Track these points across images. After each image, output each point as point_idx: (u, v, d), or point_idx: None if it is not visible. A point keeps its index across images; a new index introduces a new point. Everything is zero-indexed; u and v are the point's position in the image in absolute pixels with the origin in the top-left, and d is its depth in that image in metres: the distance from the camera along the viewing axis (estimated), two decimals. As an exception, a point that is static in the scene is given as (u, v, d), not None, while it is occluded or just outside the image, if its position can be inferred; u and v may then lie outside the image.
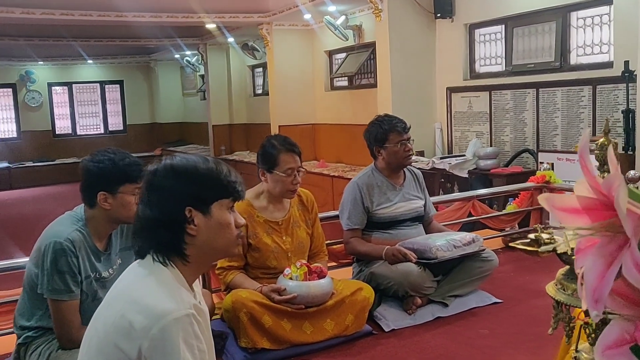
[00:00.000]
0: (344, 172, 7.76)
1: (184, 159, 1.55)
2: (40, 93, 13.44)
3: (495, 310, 3.21)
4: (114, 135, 14.12)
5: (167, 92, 14.38)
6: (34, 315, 2.43)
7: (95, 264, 2.45)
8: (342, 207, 3.42)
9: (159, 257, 1.50)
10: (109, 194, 2.38)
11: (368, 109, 7.78)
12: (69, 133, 13.98)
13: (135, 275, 1.51)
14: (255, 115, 11.18)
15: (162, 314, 1.36)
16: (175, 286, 1.46)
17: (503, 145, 6.19)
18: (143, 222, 1.51)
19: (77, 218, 2.44)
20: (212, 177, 1.53)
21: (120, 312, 1.41)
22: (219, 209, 1.53)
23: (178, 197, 1.49)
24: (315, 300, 2.78)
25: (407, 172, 3.53)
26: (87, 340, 1.51)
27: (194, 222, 1.49)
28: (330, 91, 8.97)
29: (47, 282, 2.32)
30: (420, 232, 3.45)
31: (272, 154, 2.93)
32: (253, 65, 11.25)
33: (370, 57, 7.94)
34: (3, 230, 8.30)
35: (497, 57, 6.41)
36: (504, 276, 3.74)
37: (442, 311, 3.17)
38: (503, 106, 6.19)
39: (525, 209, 4.44)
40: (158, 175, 1.52)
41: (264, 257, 2.93)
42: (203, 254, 1.53)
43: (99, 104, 14.31)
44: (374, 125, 3.41)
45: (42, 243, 2.36)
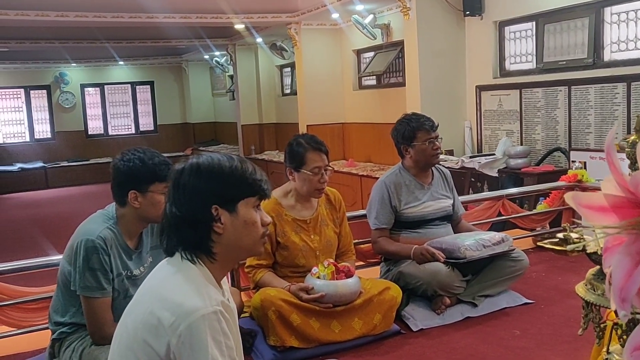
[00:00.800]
0: (373, 172, 7.74)
1: (210, 158, 1.56)
2: (73, 94, 13.70)
3: (527, 311, 3.17)
4: (145, 135, 14.32)
5: (197, 92, 14.52)
6: (67, 312, 2.48)
7: (126, 262, 2.49)
8: (369, 206, 3.42)
9: (187, 255, 1.52)
10: (139, 192, 2.42)
11: (397, 108, 7.73)
12: (101, 133, 14.22)
13: (164, 272, 1.54)
14: (284, 115, 11.23)
15: (189, 311, 1.38)
16: (203, 283, 1.48)
17: (534, 143, 6.11)
18: (170, 220, 1.54)
19: (109, 216, 2.49)
20: (237, 175, 1.54)
21: (149, 308, 1.44)
22: (245, 207, 1.54)
23: (204, 195, 1.51)
24: (342, 299, 2.79)
25: (435, 171, 3.51)
26: (118, 336, 1.54)
27: (220, 221, 1.51)
28: (359, 90, 8.95)
29: (79, 280, 2.37)
30: (448, 231, 3.43)
31: (299, 152, 2.94)
32: (281, 65, 11.30)
33: (398, 56, 7.90)
34: (39, 228, 8.50)
35: (527, 55, 6.32)
36: (536, 276, 3.70)
37: (472, 311, 3.15)
38: (534, 104, 6.10)
39: (556, 208, 4.38)
40: (184, 174, 1.54)
41: (292, 255, 2.95)
42: (229, 252, 1.55)
43: (130, 104, 14.52)
44: (401, 123, 3.40)
45: (75, 241, 2.41)
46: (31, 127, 13.51)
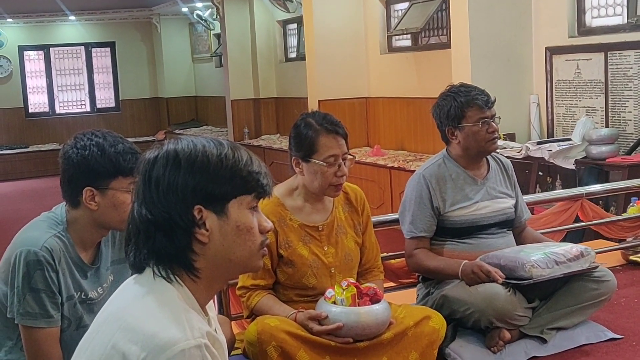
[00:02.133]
0: (406, 163, 7.74)
1: (191, 144, 1.56)
2: (8, 60, 13.82)
3: (615, 349, 3.15)
4: (103, 114, 14.44)
5: (172, 57, 14.60)
6: (2, 347, 2.50)
7: (79, 281, 2.51)
8: (403, 207, 3.42)
9: (160, 271, 1.52)
10: (96, 190, 2.43)
11: (439, 77, 7.71)
12: (45, 111, 14.35)
13: (131, 294, 1.54)
14: (287, 87, 11.25)
15: (165, 345, 1.38)
16: (183, 308, 1.48)
17: (624, 125, 6.07)
18: (139, 225, 1.54)
19: (57, 221, 2.50)
20: (227, 166, 1.54)
21: (111, 342, 1.44)
22: (237, 208, 1.55)
23: (184, 193, 1.51)
24: (366, 332, 2.77)
25: (491, 161, 3.50)
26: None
27: (205, 226, 1.51)
28: (388, 54, 8.95)
29: (18, 304, 2.38)
30: (509, 242, 3.42)
31: (308, 136, 2.94)
32: (284, 21, 11.32)
33: (441, 8, 7.90)
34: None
35: (615, 6, 6.29)
36: (625, 303, 3.67)
37: (540, 349, 3.13)
38: (624, 72, 6.06)
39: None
40: (158, 165, 1.54)
41: (299, 273, 2.95)
42: (217, 268, 1.55)
43: (84, 73, 14.65)
44: (446, 98, 3.39)
45: (12, 253, 2.42)
46: (-47, 103, 13.65)
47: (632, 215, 4.34)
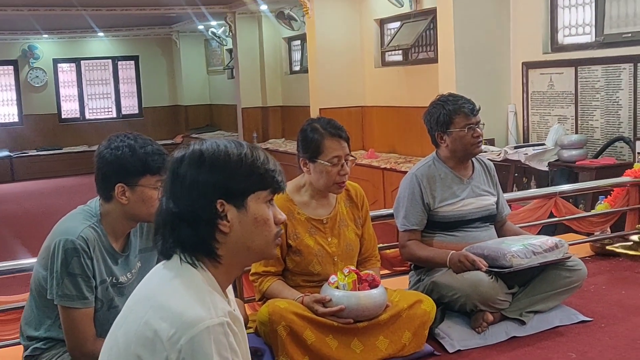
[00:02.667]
0: (398, 164, 7.73)
1: (215, 144, 1.56)
2: (44, 71, 13.79)
3: (585, 330, 3.15)
4: (127, 119, 14.39)
5: (189, 69, 14.57)
6: (42, 325, 2.50)
7: (111, 267, 2.50)
8: (397, 203, 3.41)
9: (186, 258, 1.52)
10: (127, 186, 2.43)
11: (427, 88, 7.70)
12: (76, 117, 14.32)
13: (160, 278, 1.54)
14: (292, 96, 11.23)
15: (192, 322, 1.38)
16: (207, 290, 1.48)
17: (592, 132, 6.06)
18: (167, 217, 1.54)
19: (91, 213, 2.49)
20: (247, 165, 1.54)
21: (144, 319, 1.44)
22: (255, 202, 1.55)
23: (208, 188, 1.51)
24: (366, 314, 2.78)
25: (476, 163, 3.49)
26: (106, 352, 1.54)
27: (226, 218, 1.51)
28: (382, 67, 8.93)
29: (57, 287, 2.38)
30: (491, 234, 3.41)
31: (314, 139, 2.93)
32: (289, 38, 11.30)
33: (429, 27, 7.88)
34: (4, 228, 8.55)
35: (585, 26, 6.26)
36: (594, 290, 3.67)
37: (519, 330, 3.13)
38: (592, 85, 6.05)
39: (620, 209, 4.34)
40: (185, 163, 1.54)
41: (306, 261, 2.95)
42: (236, 255, 1.55)
43: (111, 83, 14.61)
44: (436, 106, 3.38)
45: (52, 242, 2.42)
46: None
47: (600, 212, 4.33)
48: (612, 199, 4.36)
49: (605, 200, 4.38)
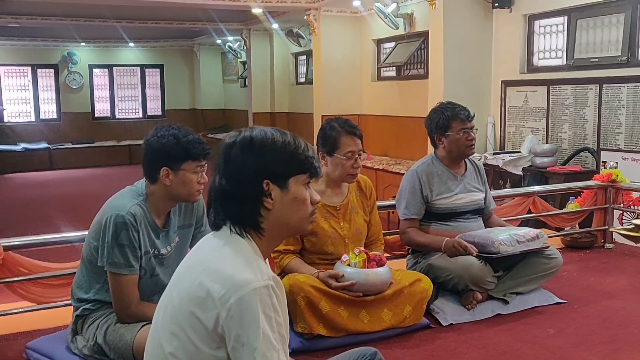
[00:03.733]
0: (389, 166, 7.71)
1: (263, 131, 1.55)
2: (81, 75, 13.71)
3: (561, 310, 3.15)
4: (152, 119, 14.31)
5: (207, 77, 14.51)
6: (91, 288, 2.48)
7: (154, 240, 2.48)
8: (399, 195, 3.40)
9: (235, 229, 1.51)
10: (170, 170, 2.41)
11: (417, 101, 7.71)
12: (107, 116, 14.23)
13: (211, 245, 1.52)
14: (297, 104, 11.20)
15: (241, 284, 1.36)
16: (254, 257, 1.47)
17: (560, 142, 6.07)
18: (219, 193, 1.52)
19: (138, 193, 2.48)
20: (290, 151, 1.53)
21: (197, 280, 1.42)
22: (295, 184, 1.53)
23: (256, 170, 1.50)
24: (373, 289, 2.77)
25: (468, 163, 3.48)
26: (162, 309, 1.52)
27: (270, 196, 1.50)
28: (377, 81, 8.91)
29: (107, 255, 2.36)
30: (480, 226, 3.40)
31: (332, 136, 2.92)
32: (297, 53, 11.26)
33: (420, 47, 7.87)
34: (47, 208, 8.54)
35: (557, 50, 6.27)
36: (567, 276, 3.67)
37: (503, 308, 3.13)
38: (562, 102, 6.06)
39: (589, 208, 4.34)
40: (236, 147, 1.52)
41: (321, 242, 2.93)
42: (277, 229, 1.54)
43: (138, 87, 14.53)
44: (436, 112, 3.37)
45: (103, 216, 2.40)
46: (37, 107, 13.53)
47: (572, 210, 4.33)
48: (582, 199, 4.36)
49: (576, 201, 4.38)
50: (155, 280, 2.52)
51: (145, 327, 2.32)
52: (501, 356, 2.62)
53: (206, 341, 1.40)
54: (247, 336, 1.35)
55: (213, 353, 1.41)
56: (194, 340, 1.41)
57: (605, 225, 4.36)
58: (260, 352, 1.35)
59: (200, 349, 1.41)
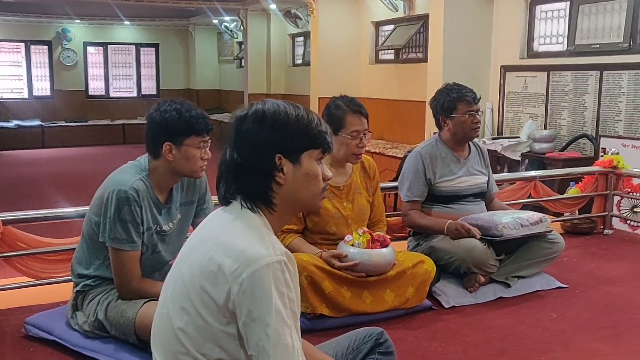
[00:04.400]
0: (385, 149, 7.68)
1: (275, 105, 1.50)
2: (75, 52, 13.54)
3: (562, 295, 3.13)
4: (146, 99, 14.17)
5: (203, 58, 14.37)
6: (92, 264, 2.44)
7: (156, 216, 2.44)
8: (402, 177, 3.35)
9: (246, 203, 1.46)
10: (173, 145, 2.36)
11: (415, 85, 7.66)
12: (102, 95, 14.07)
13: (222, 220, 1.48)
14: (293, 85, 11.12)
15: (253, 259, 1.33)
16: (265, 232, 1.43)
17: (559, 129, 6.04)
18: (230, 166, 1.48)
19: (141, 168, 2.43)
20: (303, 125, 1.49)
21: (208, 254, 1.38)
22: (308, 159, 1.49)
23: (268, 143, 1.45)
24: (376, 269, 2.73)
25: (472, 146, 3.44)
26: (171, 283, 1.48)
27: (282, 171, 1.46)
28: (375, 64, 8.85)
29: (109, 231, 2.31)
30: (482, 209, 3.37)
31: (337, 115, 2.87)
32: (294, 34, 11.16)
33: (420, 30, 7.80)
34: (40, 186, 8.44)
35: (558, 36, 6.22)
36: (568, 261, 3.65)
37: (505, 292, 3.11)
38: (562, 88, 6.02)
39: (590, 193, 4.32)
40: (248, 120, 1.48)
41: (323, 222, 2.89)
42: (288, 204, 1.50)
43: (133, 66, 14.37)
44: (441, 93, 3.32)
45: (105, 191, 2.35)
46: (30, 84, 13.37)
47: (574, 195, 4.31)
48: (583, 185, 4.33)
49: (577, 186, 4.35)
50: (156, 257, 2.49)
51: (148, 303, 2.29)
52: (504, 339, 2.60)
53: (216, 316, 1.37)
54: (259, 312, 1.32)
55: (223, 329, 1.37)
56: (204, 315, 1.37)
57: (606, 211, 4.35)
58: (272, 328, 1.32)
59: (210, 324, 1.37)
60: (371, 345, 1.88)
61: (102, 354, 2.32)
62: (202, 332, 1.38)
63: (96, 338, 2.38)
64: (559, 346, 2.53)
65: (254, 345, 1.33)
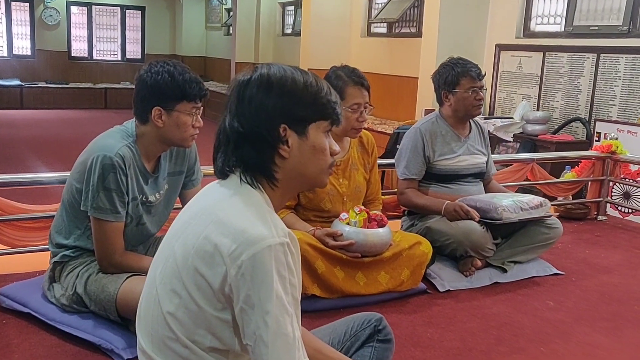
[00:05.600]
0: (374, 125, 7.52)
1: (282, 69, 1.34)
2: (58, 11, 13.09)
3: (559, 282, 3.04)
4: (131, 63, 13.82)
5: (190, 23, 14.00)
6: (71, 234, 2.27)
7: (142, 186, 2.28)
8: (399, 154, 3.22)
9: (246, 178, 1.31)
10: (164, 110, 2.19)
11: (407, 60, 7.50)
12: (85, 57, 13.65)
13: (219, 194, 1.33)
14: (282, 55, 10.86)
15: (254, 239, 1.18)
16: (267, 210, 1.28)
17: (552, 111, 5.93)
18: (230, 135, 1.32)
19: (128, 133, 2.26)
20: (312, 93, 1.33)
21: (203, 233, 1.24)
22: (315, 131, 1.34)
23: (273, 112, 1.29)
24: (372, 250, 2.60)
25: (473, 125, 3.31)
26: (162, 260, 1.33)
27: (287, 143, 1.30)
28: (367, 37, 8.65)
29: (92, 199, 2.15)
30: (480, 190, 3.25)
31: (338, 86, 2.71)
32: (284, 3, 10.89)
33: (414, 4, 7.61)
34: (15, 148, 8.13)
35: (556, 16, 6.08)
36: (562, 247, 3.56)
37: (501, 277, 3.01)
38: (557, 70, 5.90)
39: (586, 178, 4.22)
40: (251, 85, 1.31)
41: (318, 198, 2.74)
42: (292, 180, 1.35)
43: (118, 29, 13.95)
44: (445, 67, 3.17)
45: (89, 156, 2.17)
46: (10, 42, 12.90)
47: (570, 180, 4.21)
48: (579, 169, 4.24)
49: (573, 170, 4.26)
50: (141, 228, 2.33)
51: (130, 279, 2.14)
52: (502, 327, 2.50)
53: (210, 301, 1.23)
54: (258, 297, 1.18)
55: (217, 314, 1.23)
56: (197, 299, 1.23)
57: (601, 197, 4.26)
58: (272, 316, 1.18)
59: (203, 309, 1.23)
60: (370, 332, 1.76)
61: (79, 329, 2.17)
62: (193, 318, 1.25)
63: (74, 313, 2.23)
64: (558, 337, 2.43)
65: (250, 334, 1.19)
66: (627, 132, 4.73)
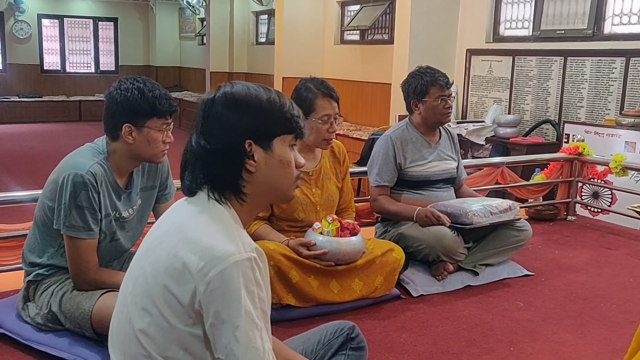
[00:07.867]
0: (349, 131, 7.59)
1: (245, 87, 1.39)
2: (29, 24, 12.96)
3: (528, 283, 3.11)
4: (105, 75, 13.73)
5: (163, 34, 13.95)
6: (45, 253, 2.28)
7: (115, 202, 2.29)
8: (371, 162, 3.27)
9: (214, 194, 1.35)
10: (134, 127, 2.21)
11: (380, 67, 7.58)
12: (57, 69, 13.53)
13: (187, 212, 1.37)
14: (256, 64, 10.90)
15: (221, 256, 1.22)
16: (234, 226, 1.32)
17: (523, 114, 6.05)
18: (197, 153, 1.36)
19: (99, 151, 2.27)
20: (275, 109, 1.38)
21: (172, 251, 1.27)
22: (281, 145, 1.39)
23: (238, 128, 1.34)
24: (345, 258, 2.65)
25: (442, 131, 3.38)
26: (132, 280, 1.36)
27: (253, 158, 1.35)
28: (340, 45, 8.72)
29: (64, 217, 2.16)
30: (451, 195, 3.32)
31: (308, 98, 2.75)
32: (258, 12, 10.93)
33: (386, 11, 7.70)
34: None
35: (524, 21, 6.20)
36: (532, 249, 3.64)
37: (472, 280, 3.07)
38: (526, 73, 6.02)
39: (555, 180, 4.31)
40: (217, 104, 1.36)
41: (291, 208, 2.78)
42: (260, 194, 1.39)
43: (91, 41, 13.85)
44: (414, 76, 3.23)
45: (60, 175, 2.19)
46: (-20, 56, 12.77)
47: (540, 182, 4.29)
48: (548, 171, 4.32)
49: (542, 172, 4.35)
50: (115, 244, 2.34)
51: (105, 295, 2.16)
52: (472, 329, 2.55)
53: (181, 317, 1.26)
54: (227, 313, 1.22)
55: (188, 330, 1.27)
56: (168, 316, 1.27)
57: (569, 198, 4.36)
58: (242, 330, 1.22)
59: (174, 325, 1.27)
60: (342, 340, 1.80)
61: (55, 348, 2.17)
62: (165, 334, 1.28)
63: (49, 331, 2.24)
64: (526, 337, 2.50)
65: (222, 348, 1.23)
66: (594, 134, 4.85)
